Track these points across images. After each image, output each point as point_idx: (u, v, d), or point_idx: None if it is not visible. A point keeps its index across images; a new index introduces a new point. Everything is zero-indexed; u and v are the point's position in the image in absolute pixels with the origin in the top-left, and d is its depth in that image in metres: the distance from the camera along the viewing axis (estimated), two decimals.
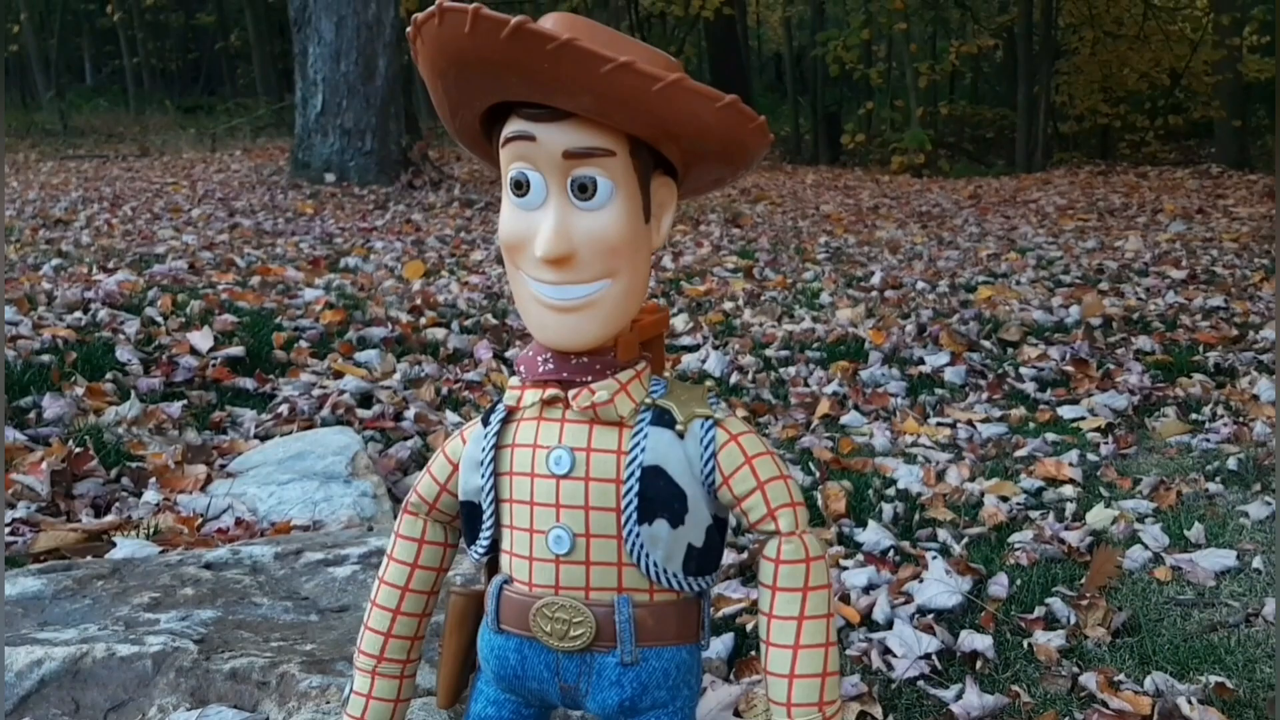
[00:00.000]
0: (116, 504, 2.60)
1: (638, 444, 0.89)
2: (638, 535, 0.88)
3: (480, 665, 0.96)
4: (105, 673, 1.53)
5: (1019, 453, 3.39)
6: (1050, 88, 16.73)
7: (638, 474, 0.88)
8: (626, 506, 0.88)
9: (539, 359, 0.91)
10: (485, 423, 0.93)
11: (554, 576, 0.90)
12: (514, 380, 0.93)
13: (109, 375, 3.60)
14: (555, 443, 0.90)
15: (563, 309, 0.87)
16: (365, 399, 3.74)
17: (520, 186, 0.87)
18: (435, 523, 0.98)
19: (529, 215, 0.87)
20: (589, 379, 0.89)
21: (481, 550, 0.93)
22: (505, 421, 0.92)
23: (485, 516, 0.93)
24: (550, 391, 0.90)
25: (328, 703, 1.43)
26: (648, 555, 0.89)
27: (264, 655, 1.58)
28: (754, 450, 0.90)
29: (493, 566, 0.95)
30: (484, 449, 0.92)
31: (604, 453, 0.89)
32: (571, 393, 0.89)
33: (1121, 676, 2.06)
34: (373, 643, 0.97)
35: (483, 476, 0.92)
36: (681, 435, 0.89)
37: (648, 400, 0.91)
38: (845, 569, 2.57)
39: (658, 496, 0.88)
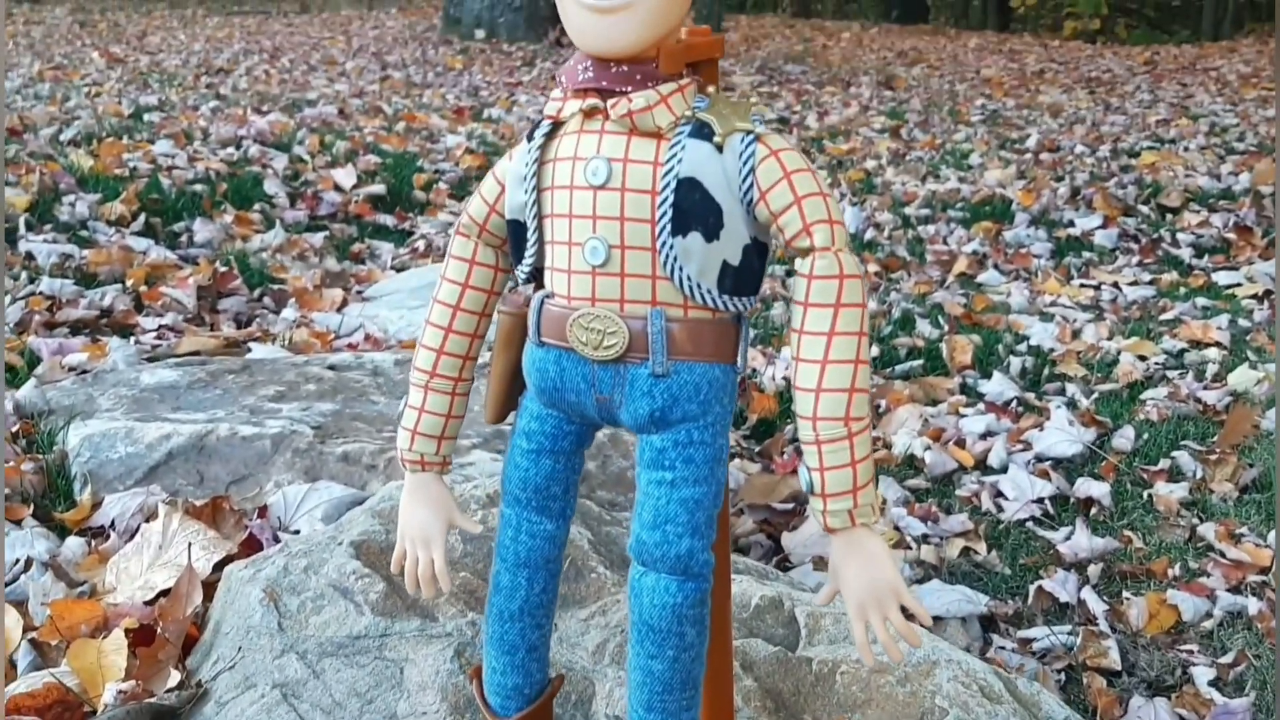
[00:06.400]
0: (257, 319, 2.73)
1: (674, 155, 0.88)
2: (671, 247, 0.88)
3: (526, 384, 0.99)
4: (228, 450, 1.62)
5: (1164, 316, 3.23)
6: None
7: (673, 185, 0.87)
8: (660, 218, 0.88)
9: (579, 67, 0.90)
10: (529, 138, 0.93)
11: (590, 288, 0.91)
12: (555, 92, 0.93)
13: (257, 206, 3.74)
14: (593, 153, 0.89)
15: (601, 10, 0.86)
16: None
17: None
18: (486, 245, 0.99)
19: None
20: (628, 89, 0.88)
21: (527, 269, 0.95)
22: (550, 137, 0.92)
23: (530, 232, 0.94)
24: (590, 101, 0.89)
25: None
26: (681, 268, 0.89)
27: (375, 443, 1.65)
28: (794, 166, 0.88)
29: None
30: (527, 164, 0.92)
31: (640, 163, 0.88)
32: (610, 101, 0.88)
33: (1244, 530, 1.99)
34: (426, 359, 1.00)
35: (526, 191, 0.93)
36: (720, 148, 0.88)
37: (689, 113, 0.89)
38: (964, 416, 2.52)
39: (692, 209, 0.88)
